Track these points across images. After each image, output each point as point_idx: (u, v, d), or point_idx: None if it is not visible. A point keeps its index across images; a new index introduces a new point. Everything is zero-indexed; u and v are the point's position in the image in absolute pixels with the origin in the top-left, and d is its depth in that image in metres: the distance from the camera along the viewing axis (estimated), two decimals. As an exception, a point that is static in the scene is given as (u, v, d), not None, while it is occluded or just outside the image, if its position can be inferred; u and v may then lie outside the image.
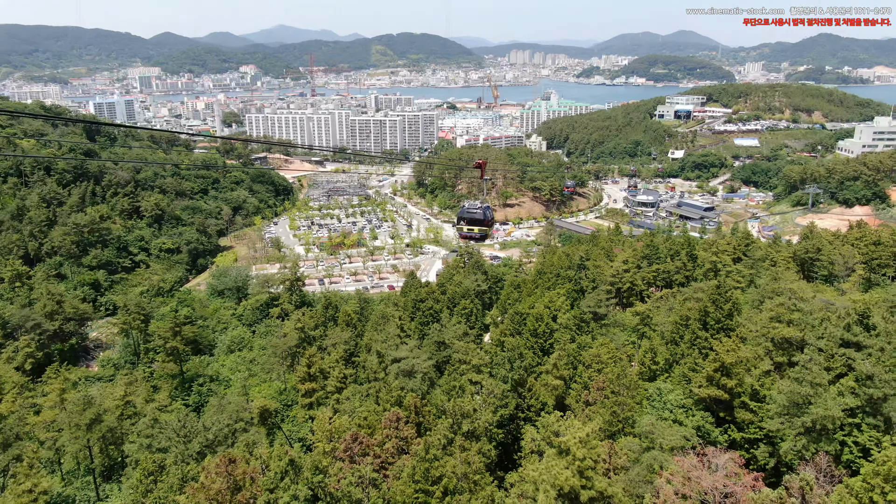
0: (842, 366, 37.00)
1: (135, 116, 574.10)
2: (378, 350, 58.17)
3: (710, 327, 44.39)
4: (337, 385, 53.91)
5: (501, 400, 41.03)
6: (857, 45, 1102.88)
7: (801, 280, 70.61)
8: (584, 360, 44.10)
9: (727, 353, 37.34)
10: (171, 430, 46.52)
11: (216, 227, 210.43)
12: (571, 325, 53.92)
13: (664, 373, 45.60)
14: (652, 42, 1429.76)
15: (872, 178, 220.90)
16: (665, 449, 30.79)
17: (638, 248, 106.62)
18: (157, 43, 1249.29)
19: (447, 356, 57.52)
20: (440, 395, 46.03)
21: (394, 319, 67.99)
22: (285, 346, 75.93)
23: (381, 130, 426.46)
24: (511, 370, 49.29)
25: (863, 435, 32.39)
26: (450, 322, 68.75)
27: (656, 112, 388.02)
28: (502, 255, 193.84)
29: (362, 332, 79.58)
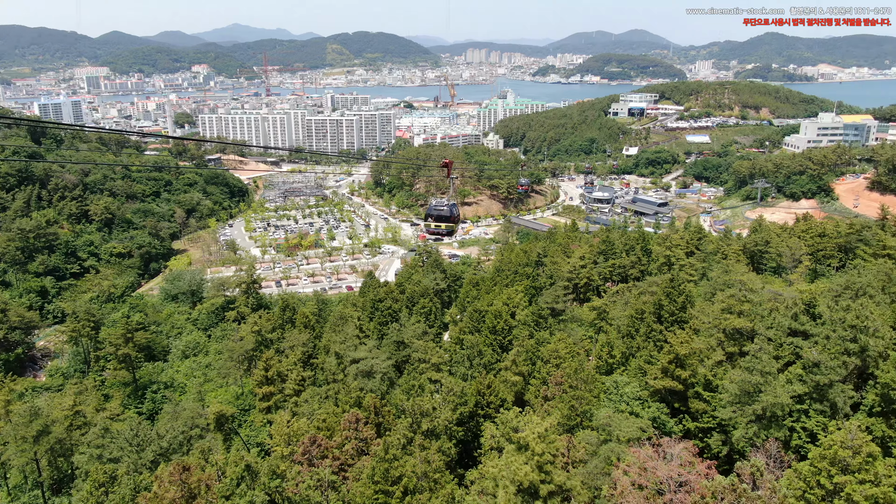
0: (790, 354, 38.09)
1: (82, 118, 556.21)
2: (336, 351, 57.56)
3: (665, 320, 45.19)
4: (295, 388, 53.12)
5: (461, 398, 40.99)
6: (801, 44, 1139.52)
7: (750, 272, 72.47)
8: (543, 355, 44.41)
9: (681, 345, 38.05)
10: (122, 439, 45.07)
11: (169, 231, 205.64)
12: (530, 321, 54.26)
13: (621, 366, 46.25)
14: (606, 41, 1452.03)
15: (817, 173, 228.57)
16: (622, 441, 31.21)
17: (594, 244, 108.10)
18: (104, 42, 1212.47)
19: (406, 356, 57.26)
20: (400, 395, 45.77)
21: (352, 320, 67.37)
22: (241, 350, 74.52)
23: (337, 130, 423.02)
24: (470, 368, 49.30)
25: (810, 420, 33.38)
26: (409, 321, 68.49)
27: (610, 110, 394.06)
28: (461, 253, 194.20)
29: (320, 333, 78.68)
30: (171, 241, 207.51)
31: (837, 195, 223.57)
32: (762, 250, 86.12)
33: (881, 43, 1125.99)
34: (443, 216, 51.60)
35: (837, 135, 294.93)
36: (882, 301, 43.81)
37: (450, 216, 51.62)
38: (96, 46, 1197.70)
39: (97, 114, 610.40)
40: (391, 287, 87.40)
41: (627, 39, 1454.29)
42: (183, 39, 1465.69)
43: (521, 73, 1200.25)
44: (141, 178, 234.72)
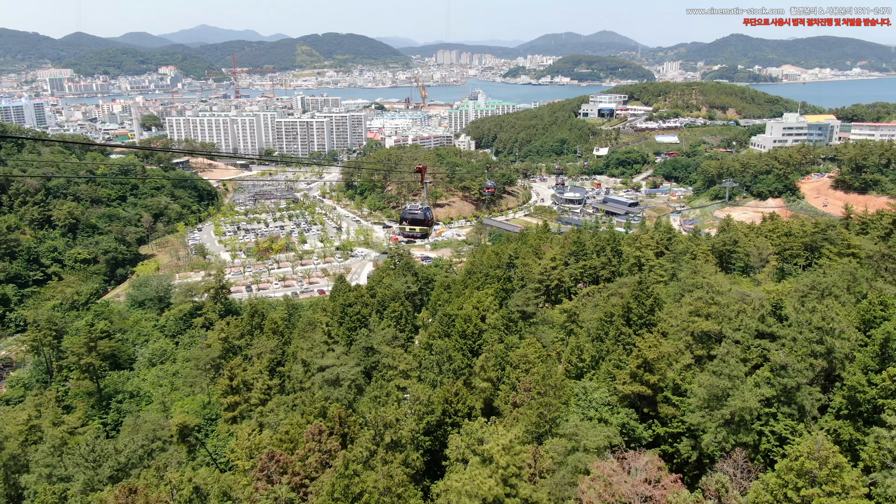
0: (758, 357, 37.98)
1: (45, 121, 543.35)
2: (303, 359, 56.28)
3: (634, 323, 44.91)
4: (261, 397, 51.72)
5: (428, 406, 40.15)
6: (766, 46, 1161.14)
7: (719, 272, 72.86)
8: (512, 360, 43.81)
9: (649, 350, 37.71)
10: (77, 455, 43.29)
11: (136, 235, 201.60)
12: (500, 325, 53.66)
13: (591, 370, 45.87)
14: (575, 42, 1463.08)
15: (783, 172, 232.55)
16: (590, 450, 30.68)
17: (565, 245, 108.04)
18: (68, 43, 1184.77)
19: (376, 362, 56.27)
20: (367, 403, 44.83)
21: (321, 326, 66.10)
22: (208, 358, 72.73)
23: (308, 132, 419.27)
24: (440, 374, 48.49)
25: (779, 424, 33.21)
26: (378, 326, 67.48)
27: (581, 111, 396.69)
28: (433, 255, 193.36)
29: (290, 339, 77.19)
30: (139, 247, 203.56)
31: (803, 194, 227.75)
32: (730, 250, 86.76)
33: (842, 44, 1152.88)
34: (417, 219, 54.52)
35: (802, 134, 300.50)
36: (847, 301, 44.06)
37: (424, 219, 54.53)
38: (59, 48, 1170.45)
39: (61, 116, 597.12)
40: (361, 291, 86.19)
41: (597, 41, 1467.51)
42: (149, 41, 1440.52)
43: (492, 74, 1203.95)
44: (106, 183, 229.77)
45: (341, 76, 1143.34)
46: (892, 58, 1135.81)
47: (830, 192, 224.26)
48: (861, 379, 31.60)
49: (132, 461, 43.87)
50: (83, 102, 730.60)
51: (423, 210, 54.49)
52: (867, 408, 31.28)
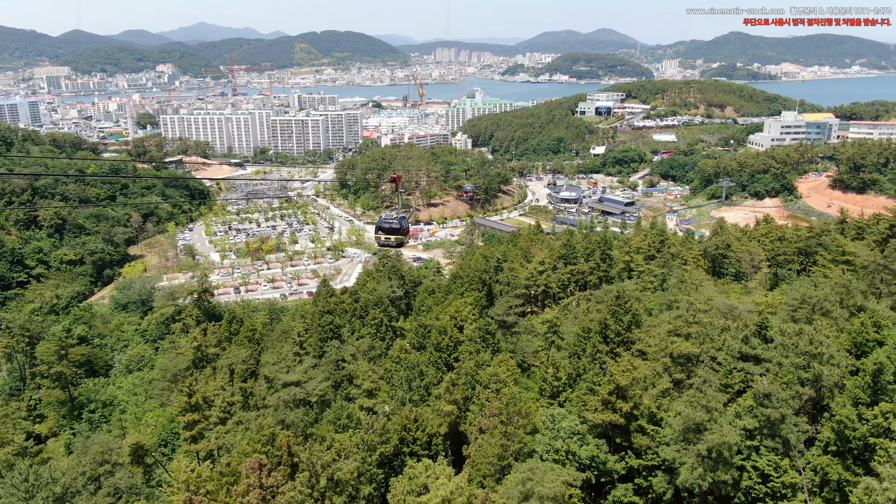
0: (740, 382, 35.31)
1: (40, 119, 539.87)
2: (266, 375, 53.51)
3: (611, 341, 42.25)
4: (220, 415, 48.91)
5: (382, 436, 37.38)
6: (765, 43, 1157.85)
7: (710, 278, 70.16)
8: (482, 379, 41.13)
9: (622, 374, 34.97)
10: (9, 484, 40.22)
11: (124, 236, 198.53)
12: (476, 337, 51.01)
13: (568, 388, 43.21)
14: (574, 40, 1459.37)
15: (780, 171, 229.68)
16: (545, 498, 27.85)
17: (555, 248, 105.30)
18: (65, 41, 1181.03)
19: (347, 375, 53.59)
20: (326, 427, 42.16)
21: (292, 335, 63.34)
22: (175, 369, 69.96)
23: (303, 130, 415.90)
24: (409, 391, 45.83)
25: (761, 459, 30.49)
26: (352, 337, 64.66)
27: (578, 109, 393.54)
28: (425, 256, 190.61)
29: (266, 348, 74.46)
30: (127, 247, 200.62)
31: (801, 193, 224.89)
32: (723, 254, 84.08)
33: (841, 42, 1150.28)
34: (392, 229, 54.83)
35: (800, 133, 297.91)
36: (840, 316, 41.38)
37: (399, 229, 54.75)
38: (57, 45, 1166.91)
39: (56, 114, 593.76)
40: (340, 297, 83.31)
41: (595, 38, 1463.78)
42: (147, 38, 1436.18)
43: (491, 72, 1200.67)
44: (96, 182, 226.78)
45: (339, 74, 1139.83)
46: (892, 56, 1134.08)
47: (828, 192, 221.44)
48: (851, 413, 28.92)
49: (71, 490, 40.89)
50: (79, 100, 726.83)
51: (398, 219, 54.13)
52: (857, 444, 28.62)
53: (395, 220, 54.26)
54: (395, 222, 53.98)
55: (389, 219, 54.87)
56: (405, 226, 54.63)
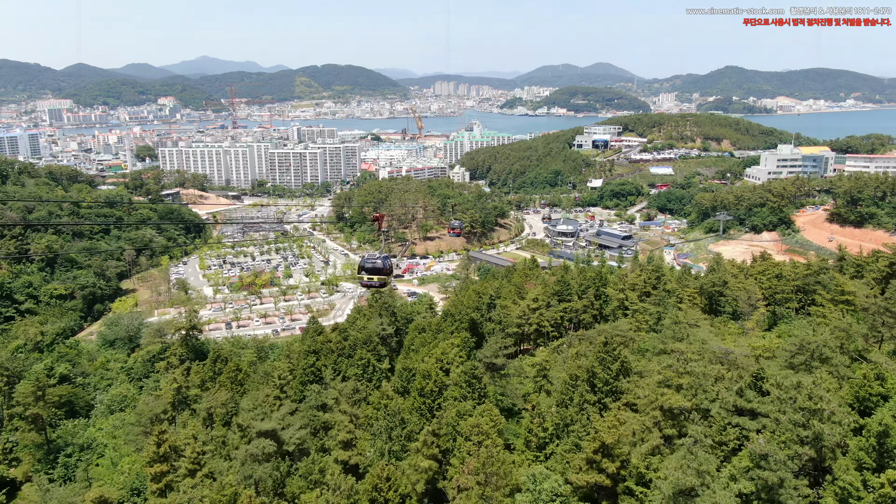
0: (735, 439, 33.16)
1: (40, 151, 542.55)
2: (238, 423, 51.10)
3: (599, 390, 40.15)
4: (190, 467, 46.40)
5: (350, 498, 35.00)
6: (760, 77, 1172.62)
7: (706, 317, 68.16)
8: (463, 430, 38.86)
9: (608, 431, 32.84)
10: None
11: (116, 270, 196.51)
12: (462, 381, 48.81)
13: (555, 439, 40.94)
14: (572, 73, 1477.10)
15: (777, 205, 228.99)
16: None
17: (549, 284, 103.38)
18: (69, 74, 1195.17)
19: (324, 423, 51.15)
20: (298, 482, 39.74)
21: (272, 378, 61.09)
22: (151, 413, 67.37)
23: (301, 163, 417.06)
24: (389, 441, 43.49)
25: (759, 527, 28.35)
26: (335, 380, 62.32)
27: (575, 142, 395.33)
28: (420, 290, 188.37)
29: (248, 390, 71.91)
30: (120, 281, 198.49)
31: (798, 227, 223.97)
32: (719, 291, 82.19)
33: (836, 76, 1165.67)
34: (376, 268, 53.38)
35: (796, 166, 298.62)
36: (840, 363, 39.37)
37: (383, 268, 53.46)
38: (60, 79, 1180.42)
39: (57, 147, 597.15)
40: (328, 336, 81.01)
41: (593, 72, 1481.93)
42: (150, 72, 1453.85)
43: (489, 105, 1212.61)
44: (90, 215, 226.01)
45: (339, 107, 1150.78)
46: (886, 89, 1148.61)
47: (826, 226, 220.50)
48: (855, 479, 26.81)
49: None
50: (81, 133, 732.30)
51: (382, 259, 52.85)
52: (863, 514, 26.45)
53: (378, 260, 53.07)
54: (378, 262, 52.81)
55: (372, 258, 53.69)
56: (389, 266, 53.36)
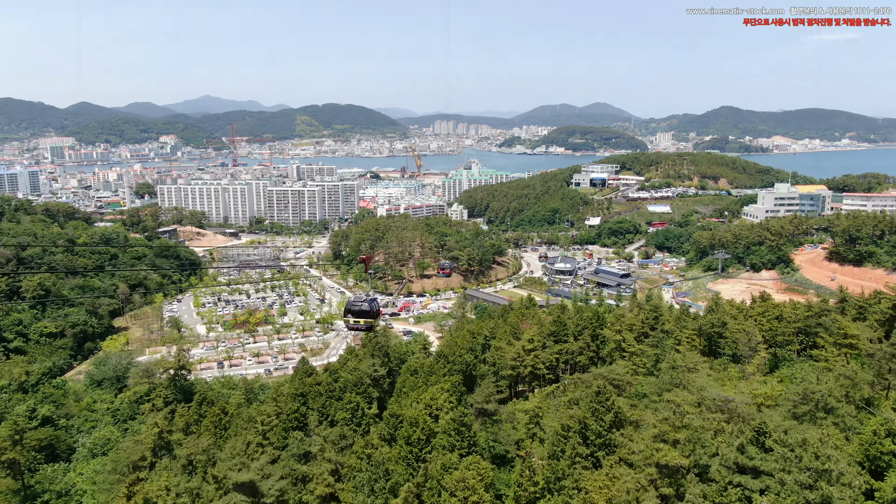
0: (737, 500, 30.93)
1: (39, 188, 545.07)
2: (213, 474, 48.65)
3: (591, 443, 37.98)
4: (161, 522, 44.02)
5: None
6: (755, 117, 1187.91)
7: (705, 360, 66.06)
8: (448, 485, 36.60)
9: (599, 492, 30.75)
10: None
11: (109, 307, 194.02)
12: (451, 429, 46.60)
13: (546, 494, 38.59)
14: (570, 113, 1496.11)
15: (776, 243, 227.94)
16: None
17: (545, 325, 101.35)
18: (72, 113, 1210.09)
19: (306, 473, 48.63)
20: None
21: (254, 424, 58.73)
22: (127, 460, 64.74)
23: (299, 201, 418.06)
24: (372, 494, 41.20)
25: None
26: (321, 426, 59.90)
27: (573, 180, 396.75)
28: (416, 329, 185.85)
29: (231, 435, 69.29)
30: (112, 319, 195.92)
31: (797, 266, 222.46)
32: (718, 332, 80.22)
33: (830, 116, 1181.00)
34: (362, 311, 52.25)
35: (794, 205, 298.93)
36: (846, 413, 37.39)
37: (369, 311, 52.38)
38: (63, 117, 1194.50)
39: (57, 184, 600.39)
40: (318, 377, 78.60)
41: (591, 112, 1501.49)
42: (153, 110, 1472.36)
43: (488, 143, 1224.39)
44: (84, 252, 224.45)
45: (339, 145, 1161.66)
46: (879, 129, 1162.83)
47: (825, 264, 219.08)
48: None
49: None
50: (82, 170, 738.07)
51: (368, 301, 51.53)
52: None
53: (364, 303, 51.71)
54: (364, 305, 51.40)
55: (359, 301, 52.27)
56: (375, 308, 51.90)
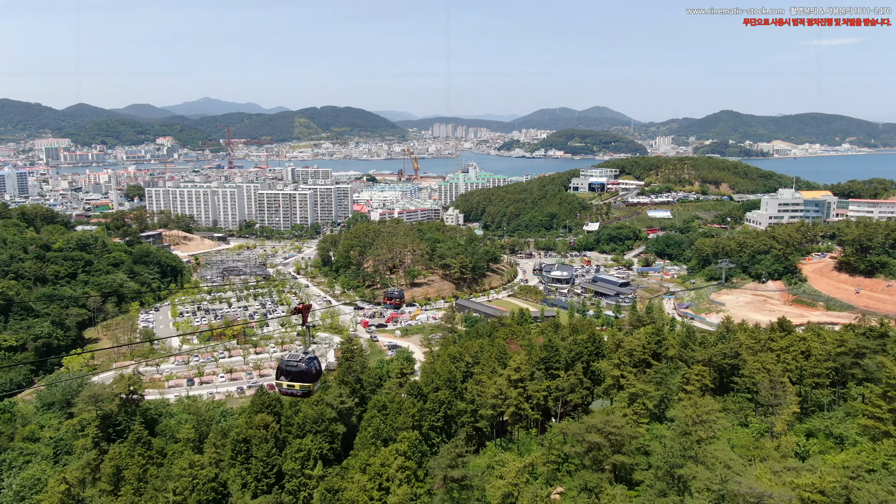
0: None
1: (28, 190, 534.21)
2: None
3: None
4: None
5: None
6: (755, 121, 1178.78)
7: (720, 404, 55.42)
8: None
9: None
10: None
11: (77, 318, 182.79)
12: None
13: None
14: (569, 117, 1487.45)
15: (782, 252, 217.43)
16: None
17: (535, 348, 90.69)
18: (70, 114, 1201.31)
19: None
20: None
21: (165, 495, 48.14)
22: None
23: (290, 204, 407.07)
24: None
25: None
26: (245, 494, 49.29)
27: (571, 185, 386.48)
28: (402, 343, 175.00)
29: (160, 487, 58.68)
30: (81, 330, 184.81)
31: (805, 276, 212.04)
32: (731, 364, 69.68)
33: (830, 121, 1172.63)
34: (299, 373, 39.12)
35: (798, 211, 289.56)
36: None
37: (307, 372, 39.09)
38: (60, 118, 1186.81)
39: (47, 186, 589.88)
40: (266, 419, 67.63)
41: (590, 115, 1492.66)
42: (151, 112, 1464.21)
43: (487, 147, 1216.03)
44: (57, 258, 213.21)
45: (337, 148, 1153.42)
46: (880, 134, 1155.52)
47: (834, 275, 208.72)
48: None
49: None
50: (76, 171, 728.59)
51: (307, 360, 38.99)
52: None
53: (302, 363, 39.27)
54: (302, 365, 39.02)
55: (294, 360, 39.67)
56: (315, 368, 39.44)
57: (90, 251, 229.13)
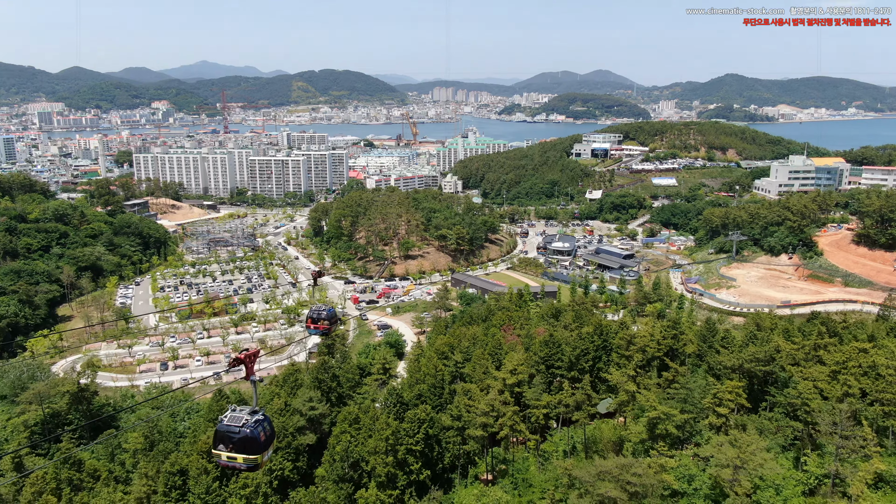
0: None
1: (15, 156, 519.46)
2: None
3: None
4: None
5: None
6: (760, 85, 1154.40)
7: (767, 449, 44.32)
8: None
9: None
10: None
11: (48, 295, 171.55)
12: None
13: None
14: (571, 80, 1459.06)
15: (798, 224, 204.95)
16: None
17: (535, 343, 79.66)
18: (64, 77, 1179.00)
19: None
20: None
21: None
22: None
23: (283, 171, 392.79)
24: None
25: None
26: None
27: (573, 151, 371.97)
28: (393, 322, 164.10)
29: None
30: (53, 308, 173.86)
31: (821, 249, 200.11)
32: (766, 371, 58.54)
33: (837, 85, 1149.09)
34: (240, 440, 27.11)
35: (809, 178, 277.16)
36: None
37: (253, 438, 27.12)
38: (55, 82, 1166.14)
39: (37, 151, 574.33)
40: (200, 445, 56.59)
41: (592, 79, 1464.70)
42: (147, 76, 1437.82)
43: (488, 111, 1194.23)
44: (30, 231, 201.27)
45: (335, 112, 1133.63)
46: (887, 98, 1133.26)
47: (852, 248, 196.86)
48: None
49: None
50: (68, 136, 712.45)
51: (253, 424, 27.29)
52: None
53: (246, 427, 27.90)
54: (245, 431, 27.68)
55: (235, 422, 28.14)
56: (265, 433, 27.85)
57: (67, 222, 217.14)
